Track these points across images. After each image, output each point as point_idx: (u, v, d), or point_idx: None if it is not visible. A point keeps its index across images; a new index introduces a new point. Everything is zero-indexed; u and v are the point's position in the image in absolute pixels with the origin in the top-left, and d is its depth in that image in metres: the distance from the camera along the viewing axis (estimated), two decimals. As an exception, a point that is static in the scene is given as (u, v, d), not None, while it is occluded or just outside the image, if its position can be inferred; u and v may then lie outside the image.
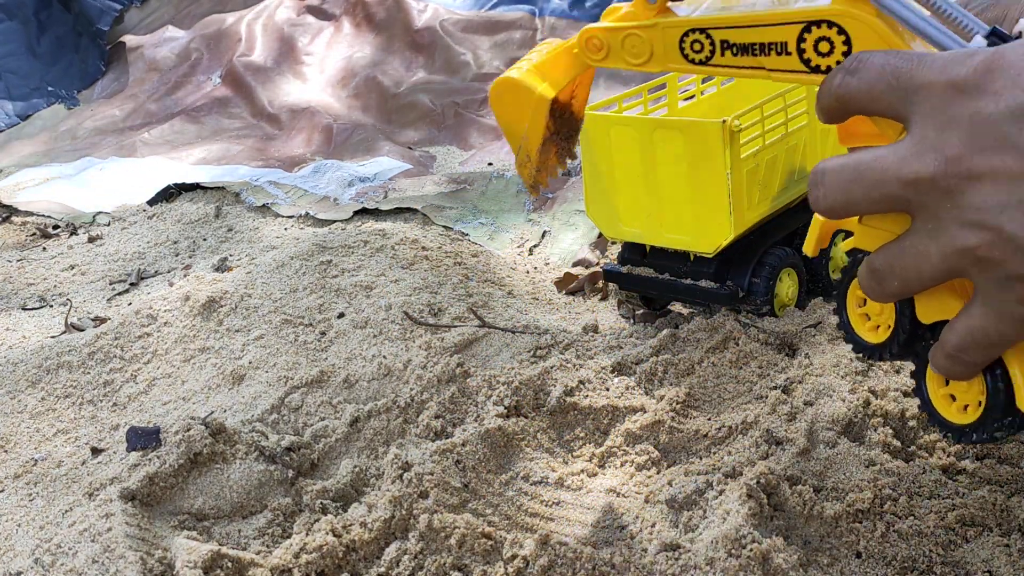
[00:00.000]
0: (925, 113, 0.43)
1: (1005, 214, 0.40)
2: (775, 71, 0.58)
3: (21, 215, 1.78)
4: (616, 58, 0.66)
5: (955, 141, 0.41)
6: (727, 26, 0.59)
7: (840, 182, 0.45)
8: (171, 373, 1.08)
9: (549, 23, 2.57)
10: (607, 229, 1.05)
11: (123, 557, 0.74)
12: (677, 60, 0.63)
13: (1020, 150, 0.39)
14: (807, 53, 0.56)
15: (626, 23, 0.64)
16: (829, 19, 0.54)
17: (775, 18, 0.56)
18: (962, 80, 0.42)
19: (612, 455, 0.83)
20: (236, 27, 2.62)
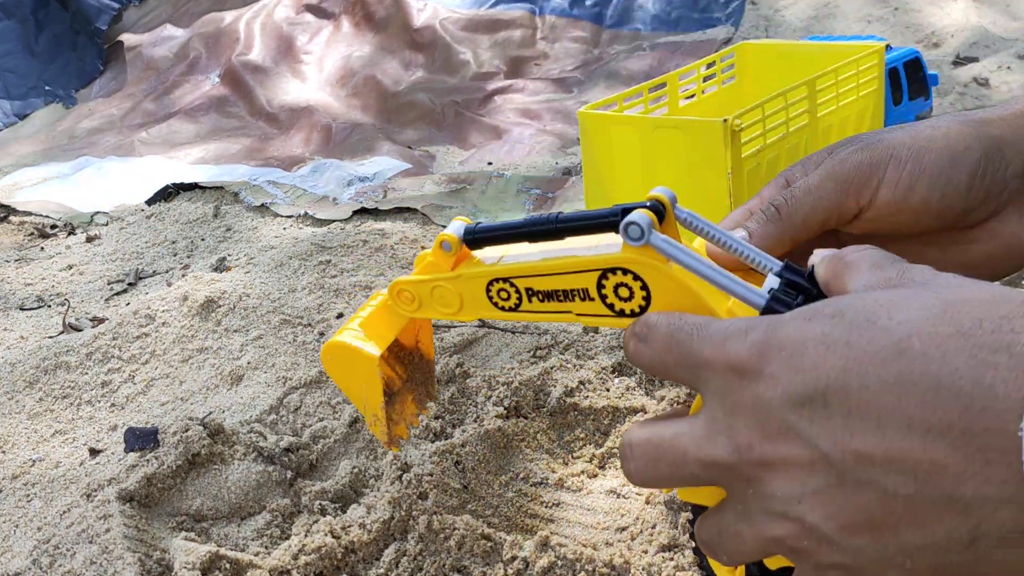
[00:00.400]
0: (712, 393, 0.42)
1: (804, 504, 0.38)
2: (583, 315, 0.58)
3: (19, 215, 1.77)
4: (429, 309, 0.66)
5: (743, 428, 0.40)
6: (528, 275, 0.59)
7: (646, 459, 0.45)
8: (169, 373, 1.08)
9: (549, 22, 2.57)
10: (607, 229, 1.05)
11: (121, 558, 0.74)
12: (488, 308, 0.63)
13: (804, 438, 0.38)
14: (609, 298, 0.56)
15: (431, 275, 0.64)
16: (622, 266, 0.55)
17: (573, 266, 0.57)
18: (739, 362, 0.41)
19: (612, 456, 0.83)
20: (235, 26, 2.61)
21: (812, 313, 0.40)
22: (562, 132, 1.94)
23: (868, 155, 0.56)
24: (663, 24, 2.47)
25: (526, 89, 2.24)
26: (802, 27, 2.48)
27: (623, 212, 0.54)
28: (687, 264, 0.52)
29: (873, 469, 0.36)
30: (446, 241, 0.62)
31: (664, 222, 0.55)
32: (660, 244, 0.52)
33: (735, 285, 0.50)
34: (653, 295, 0.55)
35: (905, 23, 2.42)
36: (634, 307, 0.55)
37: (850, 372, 0.37)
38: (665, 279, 0.54)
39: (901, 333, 0.36)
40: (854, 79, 1.06)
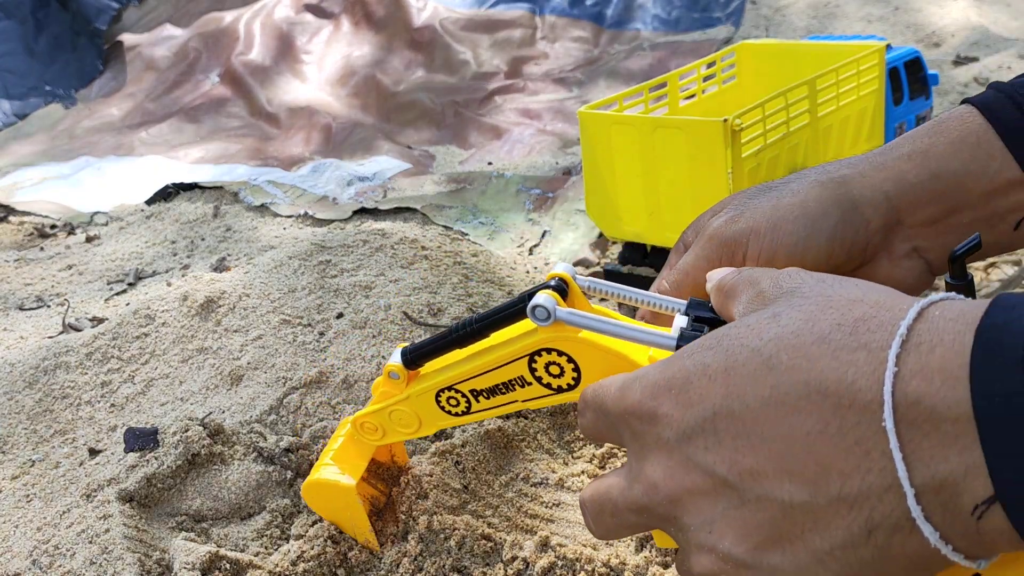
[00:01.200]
0: (627, 442, 0.44)
1: (714, 532, 0.40)
2: (529, 400, 0.61)
3: (18, 215, 1.77)
4: (392, 434, 0.69)
5: (650, 469, 0.42)
6: (467, 377, 0.62)
7: (595, 514, 0.47)
8: (169, 374, 1.07)
9: (549, 21, 2.56)
10: (607, 229, 1.05)
11: (121, 558, 0.74)
12: (443, 418, 0.66)
13: (702, 468, 0.39)
14: (544, 379, 0.59)
15: (384, 402, 0.67)
16: (542, 347, 0.58)
17: (501, 359, 0.60)
18: (637, 408, 0.42)
19: (613, 456, 0.83)
20: (234, 26, 2.61)
21: (694, 349, 0.42)
22: (562, 132, 1.94)
23: (732, 229, 0.60)
24: (663, 24, 2.47)
25: (526, 89, 2.24)
26: (802, 27, 2.48)
27: (528, 297, 0.57)
28: (595, 327, 0.54)
29: (768, 483, 0.38)
30: (392, 371, 0.66)
31: (569, 296, 0.58)
32: (566, 317, 0.55)
33: (643, 334, 0.52)
34: (580, 364, 0.58)
35: (905, 23, 2.42)
36: (568, 381, 0.58)
37: (732, 396, 0.39)
38: (584, 346, 0.57)
39: (770, 350, 0.38)
40: (854, 79, 1.06)
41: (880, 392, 0.35)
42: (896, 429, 0.34)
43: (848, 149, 1.07)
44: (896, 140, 0.63)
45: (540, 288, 0.57)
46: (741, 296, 0.46)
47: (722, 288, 0.49)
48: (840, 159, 0.64)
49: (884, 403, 0.34)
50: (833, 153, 1.05)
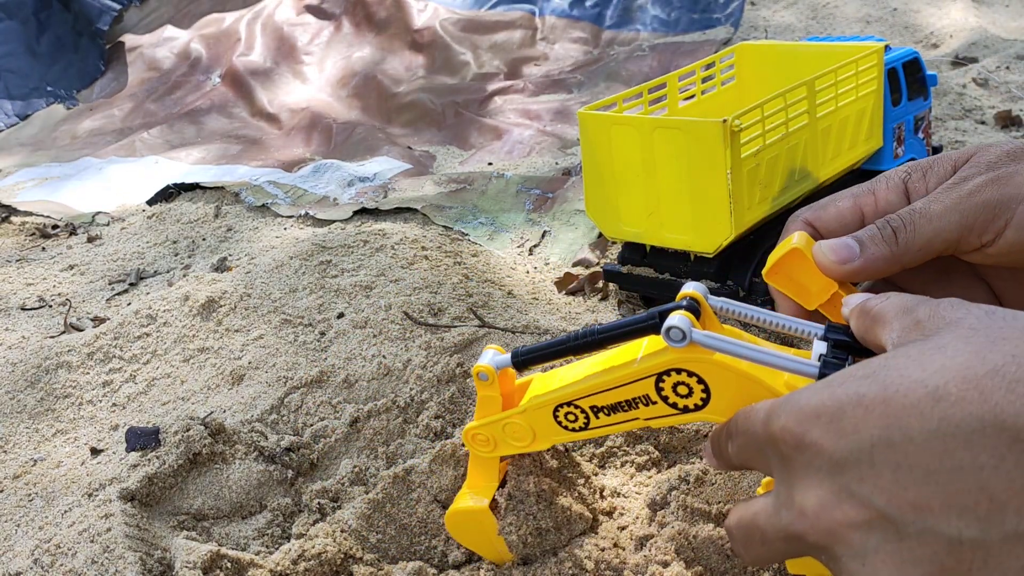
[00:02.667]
0: (774, 469, 0.44)
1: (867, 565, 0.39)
2: (652, 419, 0.60)
3: (20, 215, 1.78)
4: (504, 446, 0.68)
5: (801, 498, 0.41)
6: (589, 394, 0.61)
7: (743, 542, 0.47)
8: (170, 373, 1.08)
9: (549, 23, 2.57)
10: (607, 229, 1.05)
11: (122, 557, 0.74)
12: (558, 433, 0.65)
13: (859, 498, 0.39)
14: (671, 399, 0.58)
15: (500, 415, 0.66)
16: (673, 367, 0.57)
17: (629, 377, 0.59)
18: (783, 436, 0.42)
19: (612, 455, 0.83)
20: (235, 27, 2.62)
21: (844, 378, 0.40)
22: (562, 132, 1.94)
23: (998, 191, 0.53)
24: (663, 25, 2.47)
25: (526, 90, 2.24)
26: (801, 27, 2.49)
27: (660, 316, 0.56)
28: (732, 351, 0.53)
29: (933, 518, 0.37)
30: (482, 372, 0.65)
31: (701, 316, 0.57)
32: (702, 340, 0.54)
33: (783, 360, 0.51)
34: (711, 386, 0.56)
35: (904, 24, 2.42)
36: (696, 401, 0.57)
37: (892, 427, 0.37)
38: (717, 369, 0.56)
39: (936, 381, 0.37)
40: (853, 79, 1.07)
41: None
42: None
43: (847, 150, 1.08)
44: None
45: (673, 308, 0.56)
46: (893, 324, 0.44)
47: (868, 313, 0.47)
48: None
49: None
50: (832, 154, 1.05)
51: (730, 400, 0.56)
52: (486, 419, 0.67)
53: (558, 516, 0.70)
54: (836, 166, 1.07)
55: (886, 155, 1.15)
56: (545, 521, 0.69)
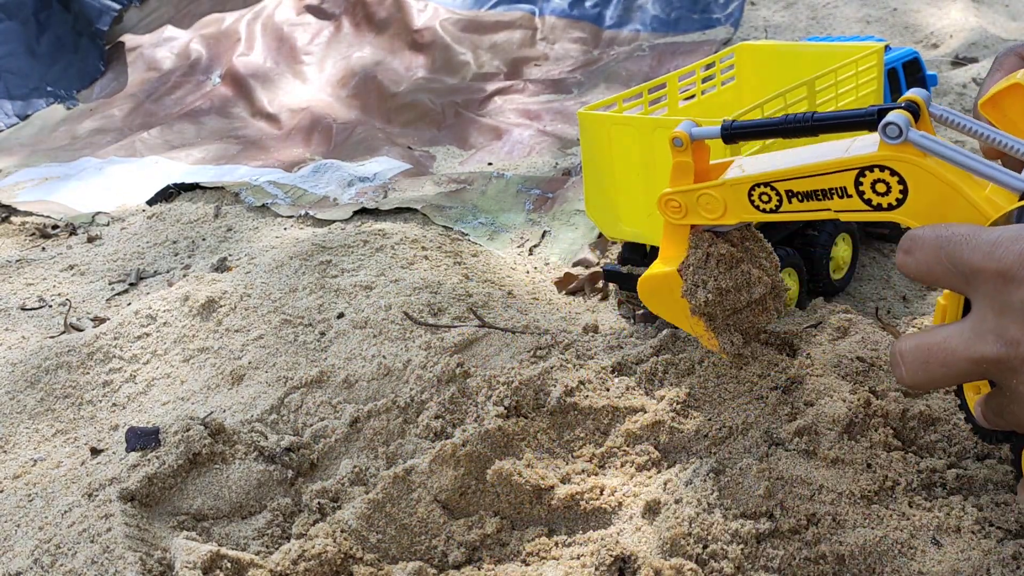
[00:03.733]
0: (981, 296, 0.47)
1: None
2: (841, 212, 0.63)
3: (20, 215, 1.78)
4: (694, 215, 0.73)
5: (1012, 327, 0.45)
6: (789, 178, 0.64)
7: (918, 362, 0.50)
8: (170, 373, 1.08)
9: (549, 23, 2.57)
10: (607, 229, 1.05)
11: (122, 558, 0.74)
12: (750, 211, 0.69)
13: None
14: (867, 194, 0.60)
15: (698, 185, 0.70)
16: (880, 164, 0.58)
17: (831, 167, 0.61)
18: (1008, 269, 0.45)
19: (612, 455, 0.83)
20: (235, 27, 2.62)
21: None
22: (562, 133, 1.94)
23: None
24: (663, 25, 2.47)
25: (526, 90, 2.24)
26: (801, 27, 2.49)
27: (879, 112, 0.57)
28: (947, 156, 0.55)
29: None
30: (676, 138, 0.69)
31: (920, 119, 0.58)
32: (918, 140, 0.56)
33: (996, 172, 0.53)
34: (911, 188, 0.58)
35: (904, 24, 2.43)
36: (891, 200, 0.59)
37: None
38: (923, 173, 0.57)
39: None
40: (853, 79, 1.07)
41: None
42: None
43: (847, 150, 1.08)
44: None
45: (892, 107, 0.57)
46: None
47: None
48: None
49: None
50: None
51: (925, 205, 0.58)
52: (683, 187, 0.70)
53: (739, 278, 0.74)
54: (836, 166, 1.07)
55: (886, 155, 1.15)
56: (725, 282, 0.73)
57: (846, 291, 1.10)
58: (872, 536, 0.67)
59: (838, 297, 1.08)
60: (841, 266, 1.08)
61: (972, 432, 0.64)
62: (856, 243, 1.09)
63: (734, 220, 0.70)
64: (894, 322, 1.01)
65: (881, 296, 1.10)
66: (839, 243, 1.06)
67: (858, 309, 0.98)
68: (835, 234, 1.05)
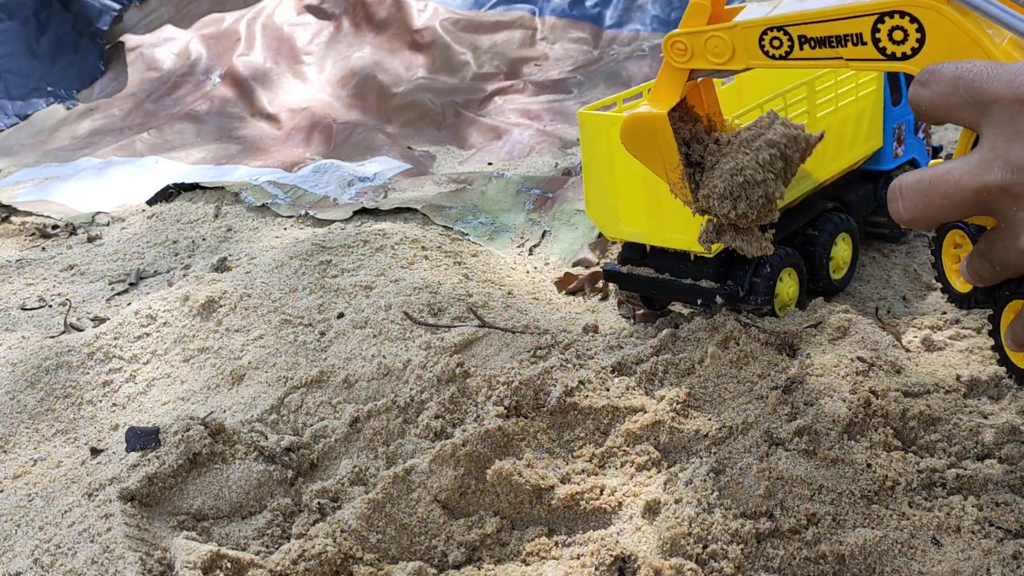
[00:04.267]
0: (995, 125, 0.46)
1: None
2: (853, 60, 0.62)
3: (20, 215, 1.78)
4: (700, 59, 0.71)
5: (1022, 151, 0.45)
6: (803, 22, 0.63)
7: (917, 195, 0.49)
8: (170, 373, 1.08)
9: (549, 23, 2.57)
10: (607, 229, 1.05)
11: (122, 557, 0.74)
12: (758, 57, 0.67)
13: None
14: (882, 42, 0.60)
15: (707, 27, 0.69)
16: (901, 9, 0.58)
17: (849, 11, 0.60)
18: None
19: (612, 455, 0.83)
20: (235, 27, 2.62)
21: None
22: (562, 133, 1.94)
23: None
24: (663, 25, 2.47)
25: (526, 90, 2.25)
26: (802, 28, 2.49)
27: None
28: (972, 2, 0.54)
29: None
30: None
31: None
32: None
33: (1018, 20, 0.52)
34: (928, 36, 0.57)
35: (905, 24, 2.42)
36: (906, 50, 0.59)
37: None
38: (943, 20, 0.56)
39: None
40: (853, 79, 1.07)
41: None
42: None
43: (847, 150, 1.08)
44: None
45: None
46: None
47: None
48: None
49: None
50: (832, 154, 1.05)
51: (940, 55, 0.57)
52: (691, 28, 0.69)
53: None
54: (836, 166, 1.07)
55: (886, 155, 1.15)
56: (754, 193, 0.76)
57: (846, 291, 1.10)
58: (872, 536, 0.67)
59: (838, 297, 1.08)
60: (841, 266, 1.08)
61: (948, 301, 0.63)
62: (856, 243, 1.09)
63: (741, 65, 0.69)
64: (894, 322, 1.01)
65: (881, 296, 1.10)
66: (839, 243, 1.06)
67: (858, 309, 0.98)
68: (835, 234, 1.05)
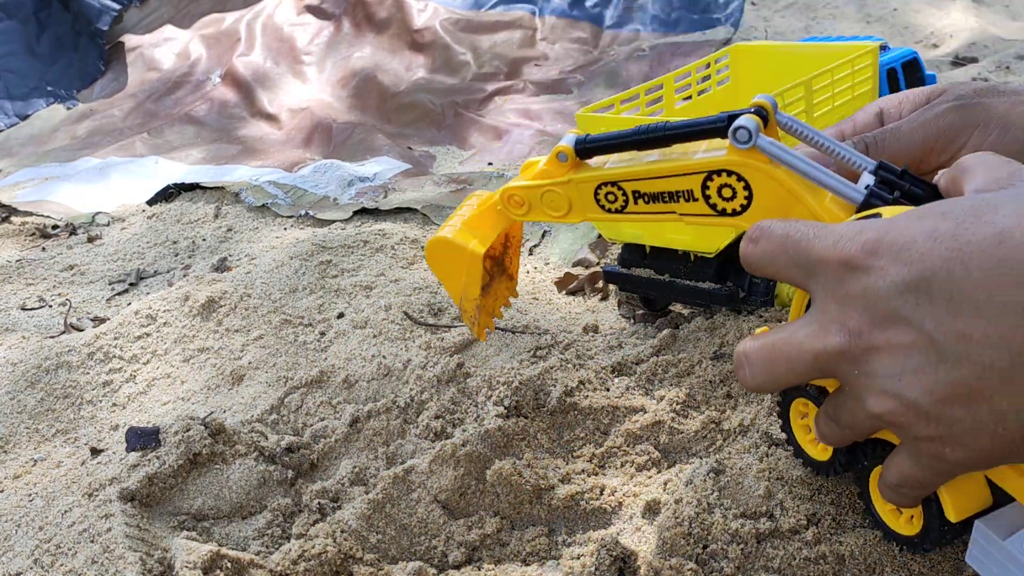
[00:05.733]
0: (824, 288, 0.47)
1: (903, 381, 0.43)
2: (686, 215, 0.62)
3: (20, 215, 1.78)
4: (537, 212, 0.70)
5: (854, 316, 0.45)
6: (636, 178, 0.63)
7: (763, 362, 0.49)
8: (170, 373, 1.08)
9: (549, 23, 2.57)
10: (606, 230, 1.05)
11: (122, 558, 0.74)
12: (594, 210, 0.67)
13: (908, 322, 0.43)
14: (713, 199, 0.60)
15: (543, 180, 0.68)
16: (727, 168, 0.58)
17: (679, 169, 0.61)
18: (851, 258, 0.45)
19: (612, 455, 0.83)
20: (236, 27, 2.62)
21: (924, 212, 0.44)
22: (562, 133, 1.94)
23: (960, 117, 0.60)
24: (663, 25, 2.47)
25: (526, 90, 2.25)
26: (801, 27, 2.49)
27: (729, 118, 0.57)
28: (792, 164, 0.56)
29: (971, 346, 0.40)
30: (562, 152, 0.66)
31: (767, 127, 0.58)
32: (766, 146, 0.56)
33: (835, 182, 0.54)
34: (755, 193, 0.58)
35: (904, 24, 2.43)
36: (736, 206, 0.59)
37: (954, 261, 0.41)
38: (768, 180, 0.57)
39: (1003, 224, 0.40)
40: (849, 79, 1.07)
41: None
42: None
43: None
44: None
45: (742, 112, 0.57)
46: (977, 176, 0.48)
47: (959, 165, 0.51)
48: None
49: None
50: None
51: (767, 211, 0.58)
52: (528, 182, 0.68)
53: None
54: (835, 166, 1.07)
55: (885, 155, 1.15)
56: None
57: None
58: (872, 536, 0.67)
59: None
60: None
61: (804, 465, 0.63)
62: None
63: (578, 219, 0.69)
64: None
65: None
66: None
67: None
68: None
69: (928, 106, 0.62)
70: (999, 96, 0.62)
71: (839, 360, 0.46)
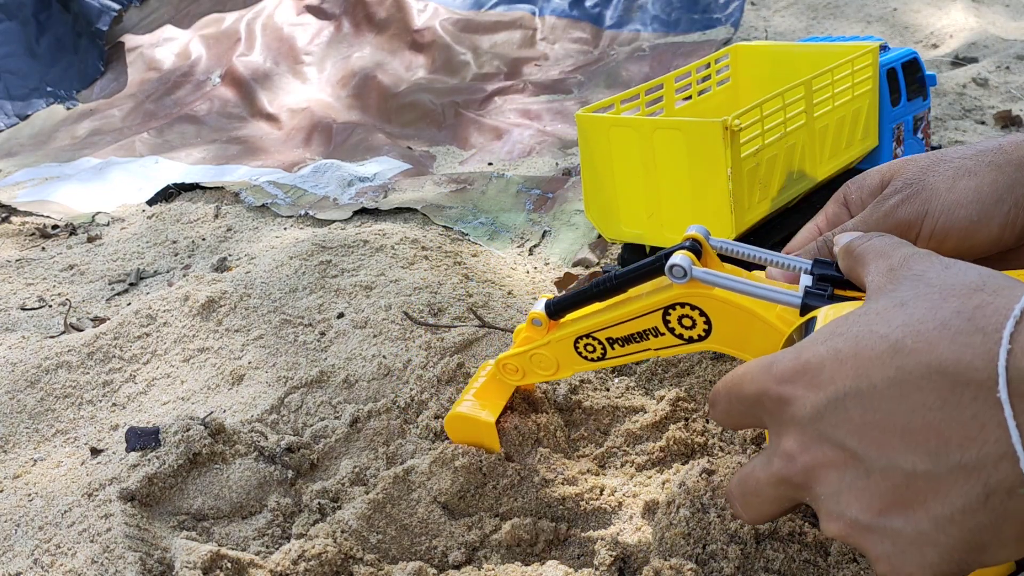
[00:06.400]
0: (768, 421, 0.49)
1: (843, 500, 0.44)
2: (661, 349, 0.67)
3: (20, 215, 1.78)
4: (531, 375, 0.77)
5: (788, 445, 0.47)
6: (604, 327, 0.69)
7: (743, 499, 0.51)
8: (170, 373, 1.08)
9: (549, 23, 2.57)
10: (606, 230, 1.05)
11: (122, 557, 0.74)
12: (579, 363, 0.73)
13: (833, 442, 0.44)
14: (677, 330, 0.66)
15: (528, 346, 0.75)
16: (679, 301, 0.64)
17: (638, 310, 0.66)
18: (771, 392, 0.47)
19: (612, 455, 0.83)
20: (235, 27, 2.62)
21: (827, 335, 0.46)
22: (562, 133, 1.94)
23: (911, 209, 0.63)
24: (663, 25, 2.47)
25: (526, 90, 2.25)
26: (801, 28, 2.49)
27: (664, 257, 0.62)
28: (726, 286, 0.60)
29: (893, 454, 0.42)
30: (536, 318, 0.73)
31: (703, 255, 0.64)
32: (701, 276, 0.61)
33: (771, 292, 0.58)
34: (711, 318, 0.63)
35: (904, 24, 2.43)
36: (699, 332, 0.65)
37: (860, 377, 0.43)
38: (715, 303, 0.63)
39: (897, 336, 0.42)
40: (849, 79, 1.07)
41: (994, 370, 0.38)
42: (1010, 401, 0.38)
43: (843, 149, 1.08)
44: None
45: (676, 248, 0.62)
46: (871, 266, 0.51)
47: (851, 252, 0.54)
48: (1017, 134, 0.66)
49: (999, 377, 0.38)
50: (829, 153, 1.05)
51: (730, 330, 0.63)
52: (516, 350, 0.75)
53: None
54: (832, 166, 1.07)
55: (885, 155, 1.15)
56: None
57: (846, 291, 1.10)
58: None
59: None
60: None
61: None
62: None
63: (568, 373, 0.74)
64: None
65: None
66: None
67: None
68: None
69: (881, 199, 0.65)
70: (944, 169, 0.63)
71: (789, 487, 0.47)
